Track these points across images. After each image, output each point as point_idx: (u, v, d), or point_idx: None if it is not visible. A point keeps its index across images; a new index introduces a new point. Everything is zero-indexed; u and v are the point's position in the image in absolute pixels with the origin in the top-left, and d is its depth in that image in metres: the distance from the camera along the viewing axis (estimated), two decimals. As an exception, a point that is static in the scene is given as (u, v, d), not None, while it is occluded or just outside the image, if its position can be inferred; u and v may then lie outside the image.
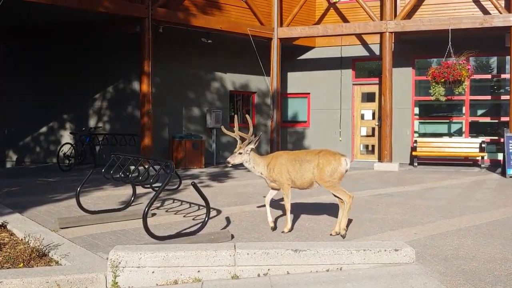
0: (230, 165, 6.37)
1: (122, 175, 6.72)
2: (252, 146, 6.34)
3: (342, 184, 6.59)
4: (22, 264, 5.41)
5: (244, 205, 8.57)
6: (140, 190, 8.04)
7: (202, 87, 16.00)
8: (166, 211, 8.00)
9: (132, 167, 7.10)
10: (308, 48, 17.20)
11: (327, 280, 4.87)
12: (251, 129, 6.39)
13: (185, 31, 14.21)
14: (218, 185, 11.11)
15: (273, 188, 6.60)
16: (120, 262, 4.95)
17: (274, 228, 6.67)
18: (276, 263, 5.16)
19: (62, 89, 15.63)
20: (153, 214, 7.55)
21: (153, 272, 5.00)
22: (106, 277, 4.96)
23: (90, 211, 7.21)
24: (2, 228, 6.73)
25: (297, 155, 6.53)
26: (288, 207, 6.53)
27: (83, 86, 15.41)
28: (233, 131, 6.46)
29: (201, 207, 7.86)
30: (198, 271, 5.08)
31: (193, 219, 7.32)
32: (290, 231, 6.54)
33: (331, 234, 6.46)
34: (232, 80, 16.59)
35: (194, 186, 6.12)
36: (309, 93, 17.45)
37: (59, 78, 15.63)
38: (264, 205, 6.86)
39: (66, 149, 13.86)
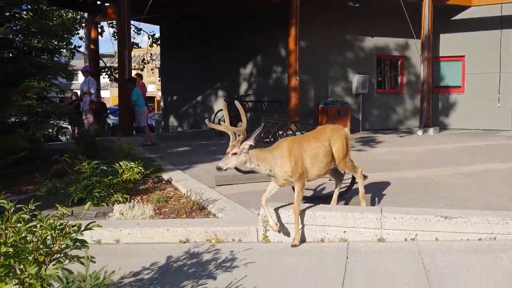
0: (224, 170, 5.02)
1: (272, 139, 7.05)
2: (250, 142, 4.93)
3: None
4: (185, 215, 6.05)
5: (391, 171, 8.44)
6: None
7: (348, 52, 15.81)
8: (313, 174, 8.21)
9: (281, 132, 7.40)
10: (463, 8, 15.95)
11: (479, 249, 4.70)
12: (244, 119, 4.97)
13: (331, -4, 14.10)
14: (364, 151, 11.05)
15: (282, 185, 5.28)
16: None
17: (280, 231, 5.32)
18: (425, 229, 5.10)
19: (216, 59, 16.55)
20: (300, 177, 7.81)
21: (300, 229, 5.25)
22: (257, 231, 5.35)
23: (243, 171, 7.67)
24: (168, 183, 7.54)
25: (311, 137, 5.45)
26: (298, 210, 5.15)
27: (235, 54, 16.17)
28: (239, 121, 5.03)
29: (346, 172, 7.92)
30: (344, 231, 5.23)
31: (339, 182, 7.41)
32: (300, 243, 5.16)
33: None
34: (379, 44, 16.13)
35: (341, 149, 6.19)
36: (463, 56, 16.27)
37: (214, 49, 16.55)
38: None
39: (220, 115, 14.78)
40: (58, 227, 2.91)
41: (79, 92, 14.52)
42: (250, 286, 4.13)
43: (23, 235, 2.84)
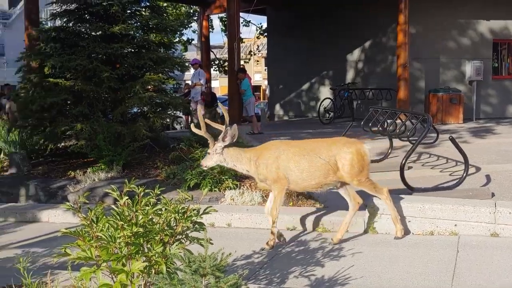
0: (205, 168, 5.36)
1: (380, 128, 6.98)
2: (220, 144, 4.96)
3: None
4: (292, 203, 6.24)
5: (507, 163, 7.99)
6: (396, 143, 8.19)
7: (461, 36, 14.98)
8: (422, 165, 8.02)
9: (389, 121, 7.30)
10: None
11: None
12: (226, 119, 5.06)
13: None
14: (478, 141, 10.52)
15: (263, 189, 5.26)
16: (378, 209, 5.30)
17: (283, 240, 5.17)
18: (544, 225, 4.84)
19: (322, 47, 16.52)
20: (409, 167, 7.64)
21: (409, 221, 5.22)
22: (364, 222, 5.39)
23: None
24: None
25: (303, 145, 5.10)
26: (275, 215, 5.01)
27: (341, 43, 16.03)
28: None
29: (458, 163, 7.64)
30: (455, 225, 5.12)
31: (450, 174, 7.19)
32: (271, 248, 4.98)
33: None
34: (495, 27, 15.08)
35: (452, 140, 6.04)
36: None
37: (320, 37, 16.53)
38: None
39: (326, 103, 14.81)
40: (180, 210, 3.20)
41: (190, 83, 15.27)
42: (357, 275, 4.21)
43: (150, 217, 3.17)
